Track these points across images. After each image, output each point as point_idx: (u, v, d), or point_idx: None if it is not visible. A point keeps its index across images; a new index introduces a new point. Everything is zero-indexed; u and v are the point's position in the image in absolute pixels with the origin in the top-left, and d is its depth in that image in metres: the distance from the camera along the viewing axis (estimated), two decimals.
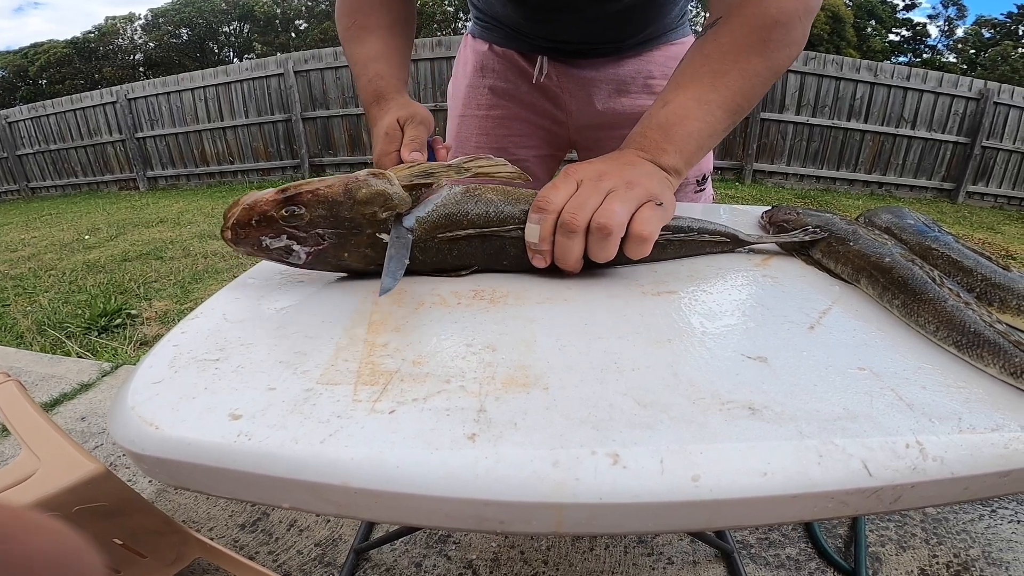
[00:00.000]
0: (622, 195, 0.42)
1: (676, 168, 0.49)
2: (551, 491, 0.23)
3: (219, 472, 0.24)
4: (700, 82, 0.51)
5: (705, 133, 0.51)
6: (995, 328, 0.32)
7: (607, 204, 0.41)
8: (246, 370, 0.30)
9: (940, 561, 0.92)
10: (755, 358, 0.31)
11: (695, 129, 0.50)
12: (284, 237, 0.40)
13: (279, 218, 0.39)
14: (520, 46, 0.81)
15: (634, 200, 0.42)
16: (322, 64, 5.94)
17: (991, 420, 0.26)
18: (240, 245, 0.40)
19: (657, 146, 0.49)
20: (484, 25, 0.84)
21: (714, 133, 0.51)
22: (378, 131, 0.61)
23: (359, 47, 0.69)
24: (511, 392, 0.28)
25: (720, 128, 0.52)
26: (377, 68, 0.67)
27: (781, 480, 0.23)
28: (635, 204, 0.42)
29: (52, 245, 3.97)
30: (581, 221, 0.40)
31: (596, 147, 0.86)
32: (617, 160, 0.47)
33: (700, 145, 0.51)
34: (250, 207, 0.39)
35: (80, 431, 1.33)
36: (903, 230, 0.50)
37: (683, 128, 0.50)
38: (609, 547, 0.94)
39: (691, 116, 0.50)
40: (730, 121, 0.52)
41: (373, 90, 0.66)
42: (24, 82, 28.23)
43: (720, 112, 0.51)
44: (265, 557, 0.95)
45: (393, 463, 0.23)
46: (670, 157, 0.49)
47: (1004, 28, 27.74)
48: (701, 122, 0.50)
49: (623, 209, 0.41)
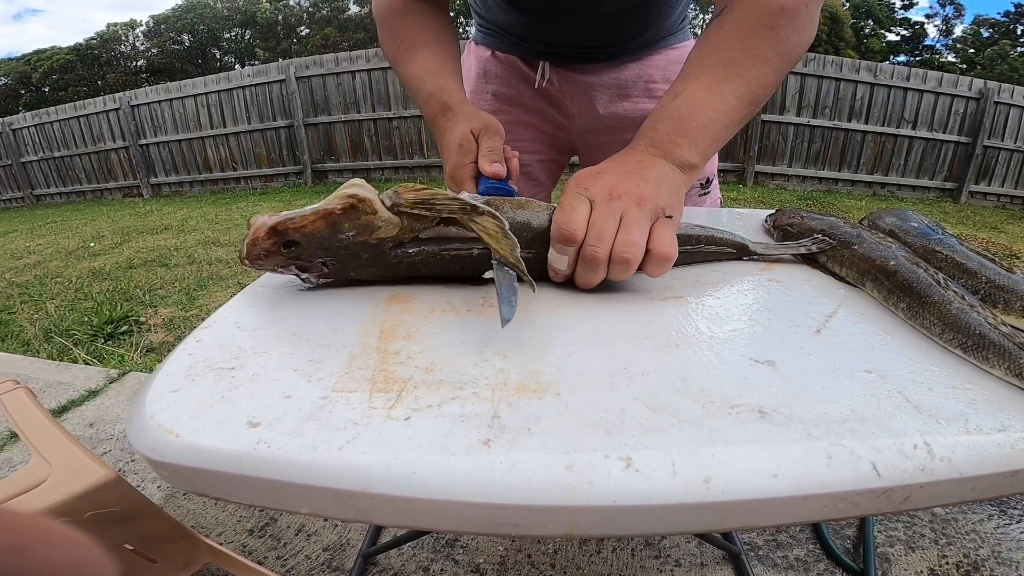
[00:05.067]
0: (636, 219, 0.41)
1: (691, 163, 0.47)
2: (565, 495, 0.23)
3: (239, 479, 0.25)
4: (711, 71, 0.49)
5: (720, 124, 0.49)
6: (1000, 330, 0.33)
7: (624, 234, 0.40)
8: (262, 378, 0.30)
9: (950, 561, 0.92)
10: (763, 362, 0.32)
11: (709, 120, 0.48)
12: (292, 267, 0.42)
13: (280, 253, 0.40)
14: (522, 52, 0.81)
15: (647, 220, 0.41)
16: (324, 70, 5.97)
17: (997, 421, 0.27)
18: (261, 270, 0.42)
19: (670, 140, 0.47)
20: (486, 31, 0.84)
21: (729, 124, 0.49)
22: (450, 143, 0.60)
23: (412, 65, 0.68)
24: (524, 398, 0.28)
25: (736, 118, 0.50)
26: (436, 81, 0.65)
27: (791, 481, 0.23)
28: (648, 224, 0.41)
29: (57, 252, 3.99)
30: (603, 254, 0.40)
31: (598, 151, 0.86)
32: (626, 164, 0.46)
33: (715, 137, 0.49)
34: (252, 244, 0.40)
35: (89, 437, 1.34)
36: (907, 233, 0.50)
37: (696, 119, 0.48)
38: (616, 550, 0.94)
39: (704, 106, 0.48)
40: (746, 111, 0.50)
41: (437, 103, 0.64)
42: (27, 89, 28.38)
43: (735, 101, 0.49)
44: (273, 562, 0.95)
45: (410, 468, 0.24)
46: (684, 151, 0.47)
47: (1002, 27, 27.72)
48: (715, 112, 0.48)
49: (640, 236, 0.40)
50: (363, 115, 6.01)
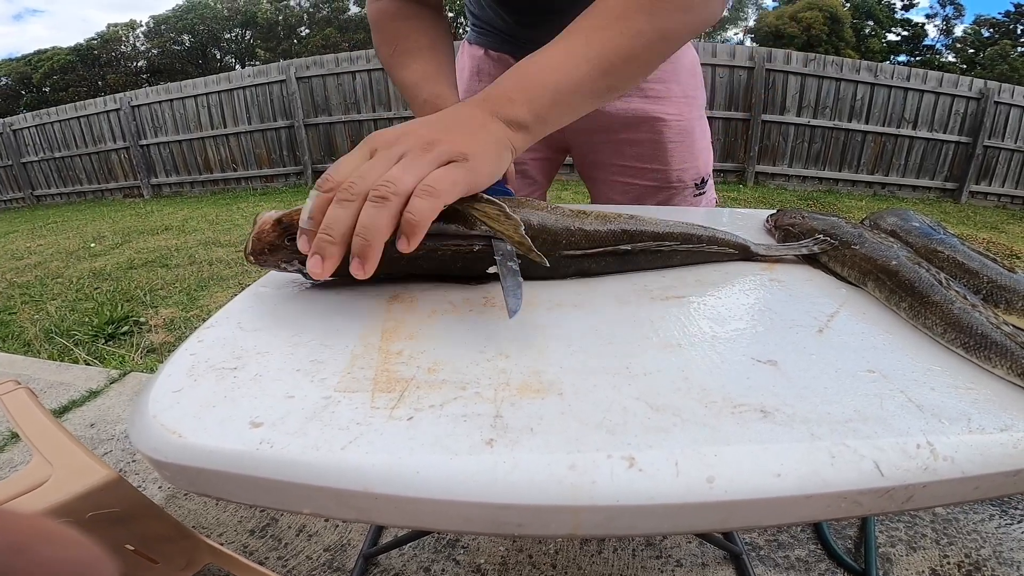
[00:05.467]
0: (414, 158, 0.36)
1: (521, 121, 0.44)
2: (569, 494, 0.23)
3: (241, 479, 0.25)
4: (575, 36, 0.48)
5: (566, 88, 0.46)
6: (1002, 330, 0.33)
7: (391, 171, 0.35)
8: (264, 379, 0.30)
9: (951, 561, 0.91)
10: (765, 362, 0.32)
11: (553, 81, 0.46)
12: (295, 261, 0.42)
13: (284, 246, 0.41)
14: (514, 50, 0.82)
15: (428, 163, 0.36)
16: (324, 70, 5.98)
17: (1000, 420, 0.27)
18: (264, 267, 0.43)
19: (505, 96, 0.45)
20: (479, 31, 0.85)
21: (577, 89, 0.47)
22: None
23: (406, 72, 0.68)
24: (526, 398, 0.28)
25: (588, 86, 0.47)
26: (432, 88, 0.65)
27: (794, 481, 0.23)
28: (429, 167, 0.36)
29: (58, 253, 4.00)
30: (356, 191, 0.34)
31: (590, 150, 0.86)
32: (443, 115, 0.43)
33: (558, 100, 0.46)
34: (258, 237, 0.41)
35: (90, 437, 1.34)
36: (908, 233, 0.50)
37: (540, 78, 0.46)
38: (617, 550, 0.94)
39: (554, 67, 0.46)
40: (604, 82, 0.48)
41: (432, 110, 0.63)
42: (28, 89, 28.42)
43: (587, 67, 0.46)
44: (275, 562, 0.95)
45: (413, 468, 0.24)
46: (516, 108, 0.44)
47: (1003, 27, 27.73)
48: (564, 75, 0.46)
49: (410, 175, 0.35)
50: (363, 115, 6.02)
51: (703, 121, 0.88)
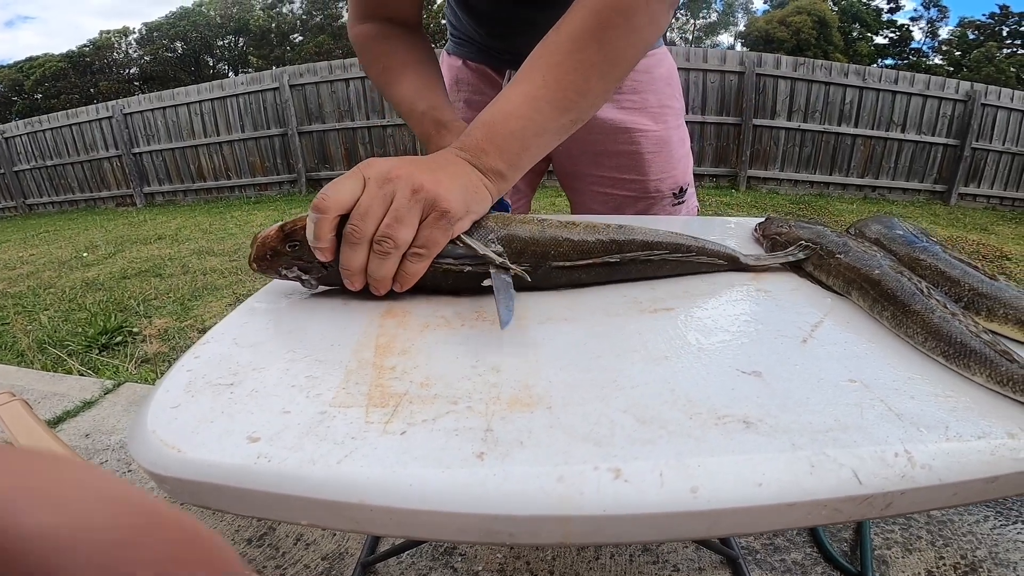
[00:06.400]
0: (402, 205, 0.41)
1: (497, 171, 0.47)
2: (557, 504, 0.24)
3: (240, 492, 0.25)
4: (533, 77, 0.49)
5: (531, 132, 0.49)
6: (981, 338, 0.34)
7: (388, 226, 0.40)
8: (260, 394, 0.31)
9: (947, 563, 0.92)
10: (750, 373, 0.33)
11: (518, 128, 0.48)
12: (295, 268, 0.44)
13: (285, 252, 0.44)
14: (490, 60, 0.83)
15: (416, 213, 0.41)
16: (317, 78, 5.98)
17: (977, 428, 0.28)
18: (265, 274, 0.45)
19: (478, 146, 0.47)
20: (457, 41, 0.86)
21: (541, 132, 0.49)
22: None
23: (398, 88, 0.69)
24: (516, 412, 0.29)
25: (552, 126, 0.50)
26: (428, 100, 0.66)
27: (776, 490, 0.24)
28: (418, 215, 0.41)
29: (51, 263, 3.98)
30: (366, 232, 0.40)
31: (568, 159, 0.88)
32: (429, 159, 0.46)
33: (525, 145, 0.49)
34: (261, 243, 0.44)
35: (85, 448, 1.34)
36: (892, 241, 0.51)
37: (506, 127, 0.48)
38: (614, 556, 0.95)
39: (517, 114, 0.48)
40: (566, 118, 0.50)
41: (431, 121, 0.65)
42: (20, 96, 28.29)
43: (549, 109, 0.49)
44: (272, 571, 0.95)
45: (407, 481, 0.24)
46: (491, 159, 0.47)
47: (987, 29, 28.04)
48: (527, 120, 0.48)
49: (404, 231, 0.41)
50: (357, 123, 6.02)
51: (681, 130, 0.89)
